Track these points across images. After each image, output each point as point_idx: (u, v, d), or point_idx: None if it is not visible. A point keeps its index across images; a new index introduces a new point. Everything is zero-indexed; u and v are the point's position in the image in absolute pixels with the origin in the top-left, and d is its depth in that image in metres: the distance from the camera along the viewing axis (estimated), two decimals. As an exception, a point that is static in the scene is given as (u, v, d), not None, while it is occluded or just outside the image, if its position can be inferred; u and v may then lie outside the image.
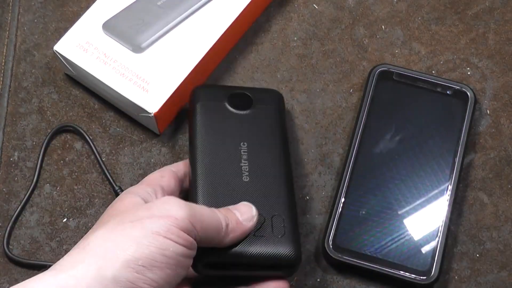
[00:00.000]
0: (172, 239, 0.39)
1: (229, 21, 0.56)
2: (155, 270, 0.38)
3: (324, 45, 0.59)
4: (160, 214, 0.39)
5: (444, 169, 0.52)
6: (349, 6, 0.60)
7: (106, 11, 0.56)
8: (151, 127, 0.55)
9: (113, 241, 0.38)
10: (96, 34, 0.55)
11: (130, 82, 0.53)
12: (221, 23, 0.55)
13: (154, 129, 0.55)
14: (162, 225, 0.39)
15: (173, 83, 0.53)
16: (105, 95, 0.56)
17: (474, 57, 0.58)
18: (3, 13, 0.60)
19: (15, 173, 0.55)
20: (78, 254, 0.39)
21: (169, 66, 0.54)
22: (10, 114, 0.57)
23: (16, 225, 0.53)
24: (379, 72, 0.56)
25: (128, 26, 0.55)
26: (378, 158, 0.53)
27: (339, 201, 0.51)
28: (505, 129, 0.56)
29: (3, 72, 0.58)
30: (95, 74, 0.54)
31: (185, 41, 0.55)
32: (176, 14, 0.55)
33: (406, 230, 0.51)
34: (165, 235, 0.39)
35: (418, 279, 0.49)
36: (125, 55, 0.54)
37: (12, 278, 0.52)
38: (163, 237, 0.39)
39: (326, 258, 0.51)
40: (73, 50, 0.54)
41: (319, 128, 0.56)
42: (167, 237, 0.39)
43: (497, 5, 0.60)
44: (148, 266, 0.38)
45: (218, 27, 0.55)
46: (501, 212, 0.53)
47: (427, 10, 0.60)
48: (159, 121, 0.53)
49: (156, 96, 0.53)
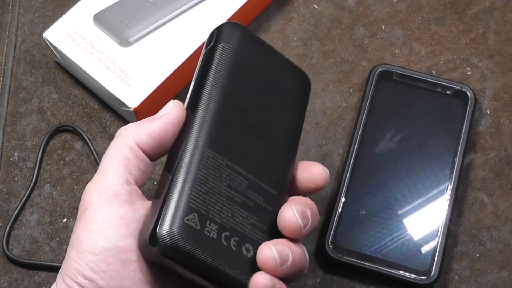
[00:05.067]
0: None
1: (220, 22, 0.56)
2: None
3: (324, 45, 0.59)
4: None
5: (444, 169, 0.52)
6: (349, 6, 0.60)
7: (99, 2, 0.56)
8: (132, 122, 0.55)
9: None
10: (87, 24, 0.55)
11: (113, 75, 0.54)
12: (211, 23, 0.56)
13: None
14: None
15: (156, 80, 0.54)
16: (89, 86, 0.57)
17: (474, 57, 0.58)
18: (3, 13, 0.60)
19: (15, 173, 0.55)
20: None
21: (154, 63, 0.54)
22: (10, 114, 0.57)
23: (16, 225, 0.53)
24: (379, 72, 0.56)
25: (118, 20, 0.55)
26: (378, 158, 0.53)
27: (339, 201, 0.52)
28: (505, 129, 0.56)
29: (3, 72, 0.58)
30: (80, 64, 0.54)
31: (173, 39, 0.55)
32: (168, 11, 0.56)
33: (406, 230, 0.51)
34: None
35: (418, 279, 0.49)
36: (112, 48, 0.55)
37: (12, 278, 0.52)
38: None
39: (326, 258, 0.51)
40: (61, 39, 0.55)
41: (319, 128, 0.56)
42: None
43: (497, 5, 0.60)
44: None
45: (208, 28, 0.55)
46: (501, 212, 0.53)
47: (427, 10, 0.60)
48: (139, 117, 0.54)
49: (137, 91, 0.53)
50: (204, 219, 0.36)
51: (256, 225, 0.38)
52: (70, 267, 0.37)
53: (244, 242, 0.37)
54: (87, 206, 0.38)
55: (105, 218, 0.37)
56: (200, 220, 0.36)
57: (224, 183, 0.38)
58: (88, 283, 0.36)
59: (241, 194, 0.38)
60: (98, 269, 0.36)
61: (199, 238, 0.36)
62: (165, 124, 0.39)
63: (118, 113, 0.56)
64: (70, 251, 0.38)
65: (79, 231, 0.38)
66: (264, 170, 0.39)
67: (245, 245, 0.37)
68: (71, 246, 0.38)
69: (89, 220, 0.37)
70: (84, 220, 0.38)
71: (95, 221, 0.37)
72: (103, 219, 0.37)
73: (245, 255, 0.37)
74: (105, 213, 0.37)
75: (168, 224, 0.35)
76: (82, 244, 0.37)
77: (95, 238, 0.37)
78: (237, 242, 0.37)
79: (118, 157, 0.39)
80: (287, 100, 0.42)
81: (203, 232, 0.36)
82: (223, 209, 0.37)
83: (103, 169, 0.39)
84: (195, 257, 0.36)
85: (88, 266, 0.36)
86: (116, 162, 0.39)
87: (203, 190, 0.37)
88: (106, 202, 0.38)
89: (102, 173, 0.39)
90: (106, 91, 0.54)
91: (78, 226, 0.38)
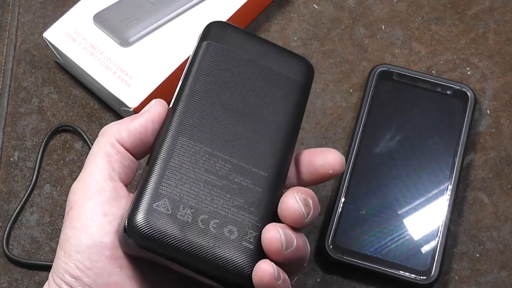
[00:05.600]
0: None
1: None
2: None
3: (324, 45, 0.59)
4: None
5: (444, 169, 0.52)
6: (349, 6, 0.60)
7: (99, 2, 0.56)
8: None
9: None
10: (87, 24, 0.56)
11: (114, 75, 0.54)
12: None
13: None
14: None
15: (156, 80, 0.54)
16: (89, 86, 0.57)
17: (474, 57, 0.58)
18: (3, 13, 0.60)
19: (15, 173, 0.55)
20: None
21: (154, 63, 0.54)
22: (10, 114, 0.57)
23: (16, 225, 0.53)
24: (379, 72, 0.56)
25: (118, 20, 0.55)
26: (378, 158, 0.53)
27: (339, 201, 0.52)
28: (505, 129, 0.56)
29: (3, 72, 0.58)
30: (81, 64, 0.54)
31: (173, 39, 0.55)
32: (168, 12, 0.56)
33: (406, 230, 0.51)
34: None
35: (418, 279, 0.49)
36: (112, 48, 0.55)
37: (12, 278, 0.52)
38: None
39: (326, 258, 0.51)
40: (61, 39, 0.55)
41: (319, 128, 0.56)
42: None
43: (497, 5, 0.60)
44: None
45: None
46: (501, 212, 0.53)
47: (427, 10, 0.60)
48: None
49: (137, 91, 0.53)
50: (176, 204, 0.36)
51: (242, 207, 0.37)
52: (58, 266, 0.37)
53: (226, 224, 0.36)
54: (72, 205, 0.38)
55: (89, 215, 0.37)
56: (172, 205, 0.36)
57: (201, 168, 0.37)
58: (75, 281, 0.37)
59: (222, 177, 0.37)
60: (84, 267, 0.36)
61: (170, 222, 0.35)
62: (146, 121, 0.39)
63: (118, 113, 0.56)
64: (58, 251, 0.38)
65: (65, 231, 0.38)
66: (252, 153, 0.39)
67: (228, 226, 0.36)
68: (59, 246, 0.38)
69: (74, 218, 0.37)
70: (70, 219, 0.38)
71: (79, 219, 0.37)
72: (86, 216, 0.37)
73: (228, 236, 0.36)
74: (89, 210, 0.37)
75: (138, 212, 0.35)
76: (68, 243, 0.37)
77: (80, 236, 0.37)
78: (217, 224, 0.36)
79: (100, 154, 0.39)
80: (283, 87, 0.41)
81: (175, 216, 0.36)
82: (200, 193, 0.37)
83: (87, 167, 0.39)
84: (168, 242, 0.35)
85: (75, 264, 0.37)
86: (99, 160, 0.39)
87: (176, 177, 0.37)
88: (89, 199, 0.38)
89: (85, 171, 0.39)
90: (106, 91, 0.54)
91: (65, 225, 0.38)
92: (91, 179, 0.38)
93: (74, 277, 0.37)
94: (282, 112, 0.40)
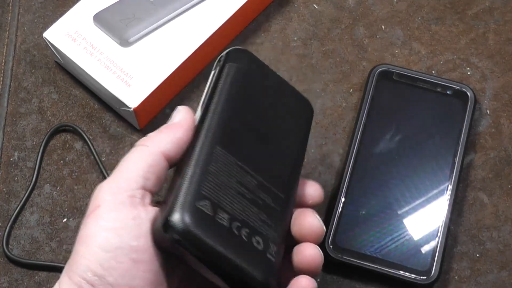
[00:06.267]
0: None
1: (219, 22, 0.56)
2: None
3: (324, 45, 0.59)
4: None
5: (444, 169, 0.52)
6: (349, 6, 0.60)
7: (99, 2, 0.56)
8: (132, 121, 0.56)
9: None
10: (86, 24, 0.56)
11: (113, 75, 0.54)
12: (211, 23, 0.56)
13: (134, 124, 0.56)
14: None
15: (156, 80, 0.54)
16: (89, 86, 0.57)
17: (474, 57, 0.58)
18: (3, 13, 0.60)
19: (15, 173, 0.55)
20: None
21: (154, 62, 0.54)
22: (10, 114, 0.57)
23: (16, 225, 0.53)
24: (379, 72, 0.56)
25: (118, 20, 0.55)
26: (378, 158, 0.53)
27: (339, 201, 0.52)
28: (505, 129, 0.56)
29: (3, 72, 0.58)
30: (81, 64, 0.54)
31: (173, 39, 0.55)
32: (168, 11, 0.56)
33: (406, 230, 0.51)
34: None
35: (418, 279, 0.49)
36: (112, 48, 0.55)
37: (12, 278, 0.52)
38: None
39: (326, 258, 0.51)
40: (61, 39, 0.55)
41: (319, 128, 0.56)
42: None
43: (497, 5, 0.60)
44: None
45: (208, 28, 0.55)
46: (501, 212, 0.53)
47: (427, 10, 0.60)
48: (139, 117, 0.54)
49: (137, 91, 0.53)
50: (215, 207, 0.37)
51: (265, 222, 0.38)
52: (78, 263, 0.36)
53: (254, 235, 0.37)
54: (99, 203, 0.38)
55: (119, 217, 0.37)
56: (213, 207, 0.37)
57: (234, 178, 0.38)
58: (97, 279, 0.36)
59: (250, 191, 0.39)
60: (108, 266, 0.36)
61: (211, 224, 0.36)
62: (187, 131, 0.40)
63: (118, 113, 0.56)
64: (78, 247, 0.37)
65: (90, 227, 0.37)
66: (271, 175, 0.40)
67: (256, 237, 0.38)
68: (80, 242, 0.37)
69: (103, 217, 0.37)
70: (96, 217, 0.37)
71: (109, 219, 0.37)
72: (117, 218, 0.37)
73: (256, 247, 0.37)
74: (119, 212, 0.37)
75: (180, 209, 0.36)
76: (94, 240, 0.37)
77: (108, 235, 0.36)
78: (247, 233, 0.37)
79: (141, 163, 0.39)
80: (291, 120, 0.44)
81: (215, 218, 0.36)
82: (234, 202, 0.38)
83: (122, 170, 0.39)
84: (207, 241, 0.36)
85: (99, 262, 0.36)
86: (138, 167, 0.39)
87: (214, 182, 0.37)
88: (120, 201, 0.38)
89: (120, 173, 0.39)
90: (106, 91, 0.54)
91: (88, 222, 0.37)
92: (124, 182, 0.38)
93: (97, 275, 0.36)
94: (295, 142, 0.43)
